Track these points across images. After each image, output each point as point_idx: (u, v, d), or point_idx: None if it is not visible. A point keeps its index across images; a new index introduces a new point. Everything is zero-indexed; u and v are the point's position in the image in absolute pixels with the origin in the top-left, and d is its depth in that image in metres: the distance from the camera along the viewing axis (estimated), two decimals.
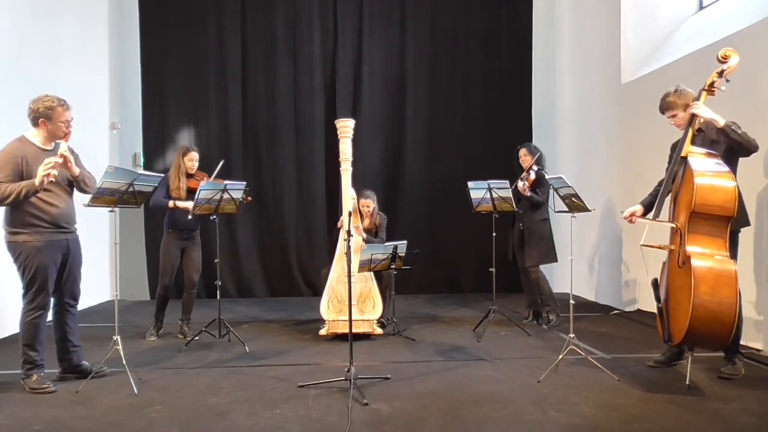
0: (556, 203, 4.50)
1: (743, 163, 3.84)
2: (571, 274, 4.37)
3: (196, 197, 4.76)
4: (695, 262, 3.43)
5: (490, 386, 3.79)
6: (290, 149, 7.86)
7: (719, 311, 3.36)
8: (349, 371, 3.62)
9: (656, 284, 3.82)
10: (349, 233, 3.78)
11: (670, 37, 6.40)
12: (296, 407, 3.41)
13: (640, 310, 6.18)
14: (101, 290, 7.01)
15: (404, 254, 4.62)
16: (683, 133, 3.83)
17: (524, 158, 5.66)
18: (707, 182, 3.51)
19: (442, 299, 7.46)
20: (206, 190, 4.77)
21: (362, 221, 5.59)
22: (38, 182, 3.49)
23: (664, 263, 3.89)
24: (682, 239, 3.58)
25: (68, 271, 3.86)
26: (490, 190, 5.26)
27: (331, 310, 5.13)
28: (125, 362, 3.81)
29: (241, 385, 3.86)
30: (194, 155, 5.25)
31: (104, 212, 4.00)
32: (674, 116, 3.96)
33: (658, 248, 3.79)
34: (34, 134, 3.76)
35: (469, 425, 3.15)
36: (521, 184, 5.48)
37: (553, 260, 5.68)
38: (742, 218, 3.73)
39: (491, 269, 5.45)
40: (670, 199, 3.82)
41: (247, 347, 4.79)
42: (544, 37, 8.20)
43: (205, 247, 5.47)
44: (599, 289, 7.07)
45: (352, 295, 3.96)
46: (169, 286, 5.27)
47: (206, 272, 6.03)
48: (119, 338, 3.91)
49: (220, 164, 5.24)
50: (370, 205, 5.68)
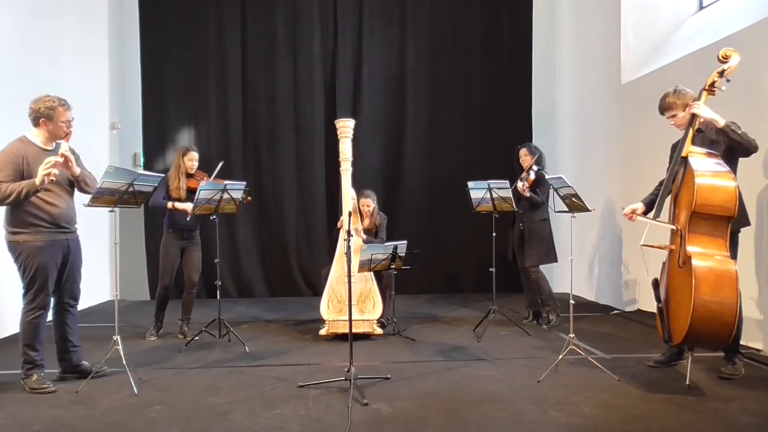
0: (556, 203, 4.50)
1: (743, 163, 3.84)
2: (571, 274, 4.37)
3: (196, 197, 4.76)
4: (696, 262, 3.43)
5: (490, 386, 3.79)
6: (290, 149, 7.86)
7: (720, 311, 3.36)
8: (349, 371, 3.62)
9: (656, 284, 3.82)
10: (349, 233, 3.78)
11: (670, 37, 6.40)
12: (296, 407, 3.41)
13: (640, 310, 6.18)
14: (101, 290, 7.01)
15: (404, 254, 4.62)
16: (683, 133, 3.83)
17: (524, 158, 5.66)
18: (708, 182, 3.51)
19: (442, 299, 7.46)
20: (206, 190, 4.78)
21: (362, 221, 5.59)
22: (39, 181, 3.49)
23: (663, 263, 3.89)
24: (682, 239, 3.58)
25: (68, 271, 3.86)
26: (490, 190, 5.26)
27: (331, 310, 5.13)
28: (125, 362, 3.81)
29: (241, 385, 3.86)
30: (194, 155, 5.25)
31: (104, 212, 4.00)
32: (674, 116, 3.96)
33: (658, 248, 3.78)
34: (35, 134, 3.76)
35: (469, 425, 3.15)
36: (521, 184, 5.48)
37: (553, 260, 5.68)
38: (742, 218, 3.73)
39: (491, 269, 5.46)
40: (670, 199, 3.82)
41: (247, 347, 4.79)
42: (544, 37, 8.20)
43: (205, 247, 5.47)
44: (599, 289, 7.07)
45: (352, 295, 3.96)
46: (169, 286, 5.27)
47: (206, 272, 6.03)
48: (119, 338, 3.91)
49: (219, 165, 5.24)
50: (370, 204, 5.68)
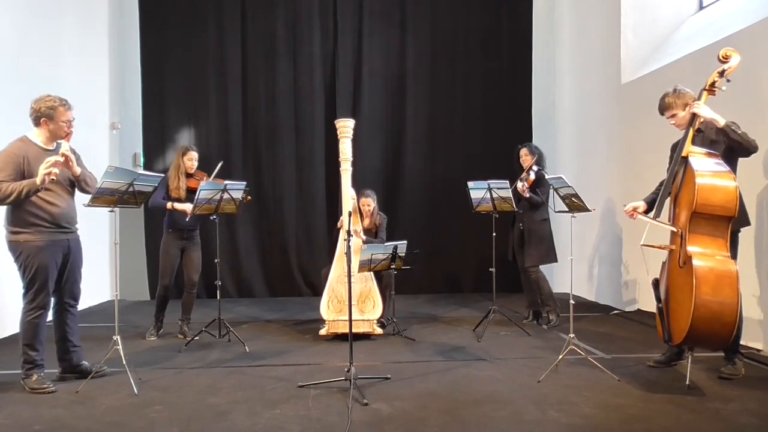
0: (556, 203, 4.49)
1: (743, 162, 3.84)
2: (571, 274, 4.37)
3: (196, 197, 4.76)
4: (697, 262, 3.43)
5: (490, 386, 3.79)
6: (290, 149, 7.86)
7: (721, 311, 3.36)
8: (349, 371, 3.62)
9: (656, 284, 3.82)
10: (349, 233, 3.78)
11: (670, 37, 6.40)
12: (296, 407, 3.41)
13: (640, 310, 6.17)
14: (101, 290, 7.01)
15: (404, 254, 4.62)
16: (683, 133, 3.83)
17: (524, 158, 5.65)
18: (708, 182, 3.51)
19: (442, 299, 7.46)
20: (206, 190, 4.78)
21: (362, 221, 5.59)
22: (39, 181, 3.49)
23: (663, 263, 3.89)
24: (683, 239, 3.58)
25: (69, 271, 3.86)
26: (490, 190, 5.26)
27: (331, 310, 5.13)
28: (125, 362, 3.81)
29: (241, 385, 3.86)
30: (193, 155, 5.25)
31: (104, 212, 3.99)
32: (673, 116, 3.95)
33: (658, 248, 3.78)
34: (36, 134, 3.76)
35: (469, 425, 3.15)
36: (520, 185, 5.47)
37: (553, 260, 5.68)
38: (742, 218, 3.73)
39: (491, 269, 5.46)
40: (669, 199, 3.82)
41: (247, 347, 4.79)
42: (544, 37, 8.20)
43: (205, 247, 5.47)
44: (599, 289, 7.07)
45: (352, 295, 3.96)
46: (169, 286, 5.27)
47: (206, 272, 6.03)
48: (119, 338, 3.91)
49: (219, 165, 5.25)
50: (370, 204, 5.68)
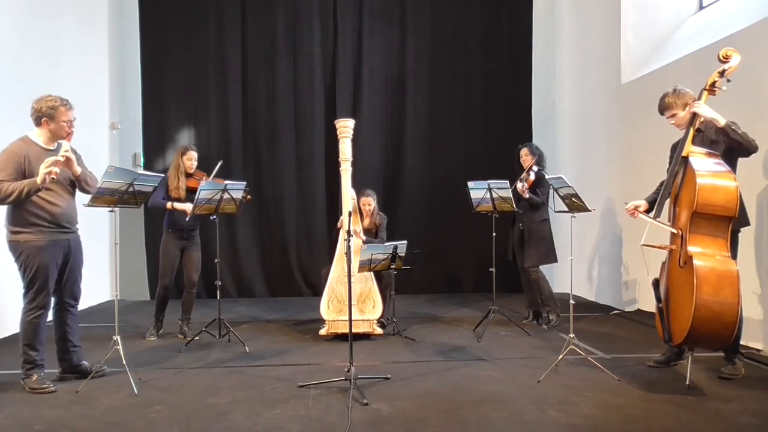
0: (556, 203, 4.49)
1: (743, 162, 3.84)
2: (571, 274, 4.37)
3: (196, 197, 4.77)
4: (697, 262, 3.43)
5: (490, 386, 3.79)
6: (290, 149, 7.86)
7: (722, 311, 3.36)
8: (349, 371, 3.62)
9: (657, 284, 3.82)
10: (349, 233, 3.78)
11: (670, 37, 6.40)
12: (296, 407, 3.41)
13: (640, 310, 6.17)
14: (101, 290, 7.01)
15: (404, 254, 4.62)
16: (684, 133, 3.83)
17: (525, 158, 5.65)
18: (709, 182, 3.51)
19: (442, 299, 7.46)
20: (206, 190, 4.78)
21: (362, 220, 5.59)
22: (40, 180, 3.49)
23: (663, 263, 3.88)
24: (683, 239, 3.58)
25: (69, 271, 3.86)
26: (490, 190, 5.26)
27: (331, 310, 5.13)
28: (125, 362, 3.80)
29: (241, 385, 3.86)
30: (193, 154, 5.25)
31: (104, 212, 3.99)
32: (673, 116, 3.95)
33: (658, 248, 3.78)
34: (37, 134, 3.76)
35: (469, 425, 3.15)
36: (520, 185, 5.47)
37: (553, 261, 5.68)
38: (742, 218, 3.73)
39: (491, 269, 5.46)
40: (669, 200, 3.81)
41: (247, 347, 4.79)
42: (544, 37, 8.20)
43: (205, 247, 5.47)
44: (599, 289, 7.07)
45: (352, 295, 3.96)
46: (168, 286, 5.27)
47: (206, 272, 6.03)
48: (119, 338, 3.91)
49: (218, 164, 5.24)
50: (371, 203, 5.68)
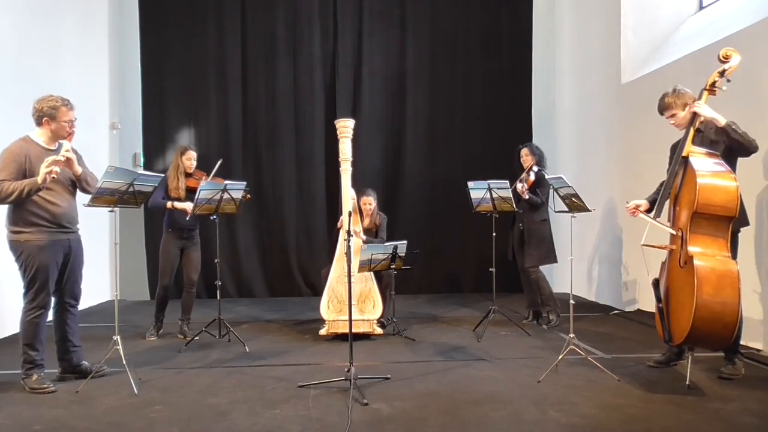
0: (556, 203, 4.49)
1: (743, 163, 3.84)
2: (571, 274, 4.37)
3: (196, 197, 4.77)
4: (698, 262, 3.43)
5: (490, 386, 3.79)
6: (290, 149, 7.86)
7: (722, 311, 3.36)
8: (349, 371, 3.62)
9: (657, 284, 3.82)
10: (349, 233, 3.78)
11: (670, 37, 6.40)
12: (296, 407, 3.41)
13: (640, 310, 6.17)
14: (101, 290, 7.01)
15: (404, 254, 4.62)
16: (684, 133, 3.83)
17: (525, 158, 5.65)
18: (709, 182, 3.50)
19: (442, 299, 7.46)
20: (206, 190, 4.78)
21: (362, 220, 5.59)
22: (41, 180, 3.49)
23: (663, 263, 3.88)
24: (683, 239, 3.58)
25: (70, 271, 3.86)
26: (490, 190, 5.26)
27: (331, 310, 5.13)
28: (125, 362, 3.80)
29: (241, 385, 3.86)
30: (192, 154, 5.25)
31: (104, 212, 3.99)
32: (673, 116, 3.94)
33: (658, 248, 3.78)
34: (38, 134, 3.77)
35: (469, 425, 3.15)
36: (520, 186, 5.47)
37: (552, 261, 5.68)
38: (742, 218, 3.73)
39: (491, 269, 5.46)
40: (669, 201, 3.81)
41: (247, 347, 4.79)
42: (544, 37, 8.20)
43: (205, 247, 5.47)
44: (599, 289, 7.07)
45: (352, 295, 3.96)
46: (168, 285, 5.27)
47: (206, 272, 6.02)
48: (119, 338, 3.91)
49: (218, 163, 5.24)
50: (371, 202, 5.68)
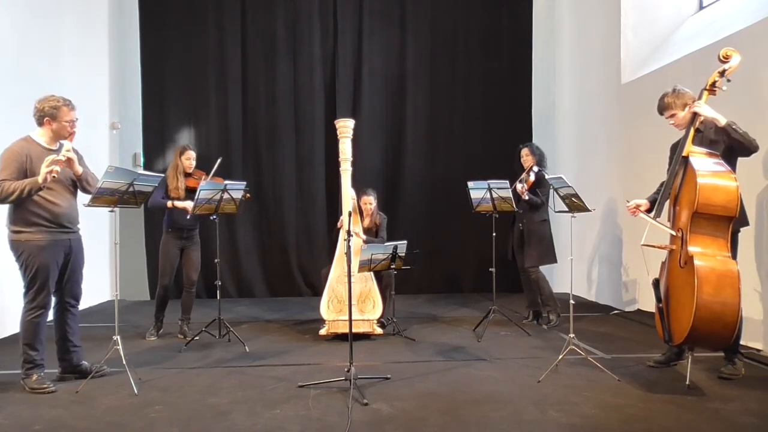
0: (556, 203, 4.49)
1: (743, 163, 3.84)
2: (571, 274, 4.37)
3: (196, 197, 4.76)
4: (698, 262, 3.42)
5: (490, 386, 3.79)
6: (290, 149, 7.86)
7: (722, 312, 3.35)
8: (349, 371, 3.62)
9: (657, 284, 3.81)
10: (349, 233, 3.78)
11: (670, 37, 6.40)
12: (296, 407, 3.41)
13: (640, 310, 6.17)
14: (101, 290, 7.01)
15: (404, 254, 4.62)
16: (684, 133, 3.83)
17: (526, 158, 5.65)
18: (710, 182, 3.50)
19: (442, 299, 7.46)
20: (206, 190, 4.78)
21: (362, 220, 5.59)
22: (41, 179, 3.50)
23: (663, 263, 3.88)
24: (683, 239, 3.58)
25: (70, 271, 3.86)
26: (490, 190, 5.26)
27: (331, 310, 5.13)
28: (125, 362, 3.80)
29: (241, 385, 3.86)
30: (191, 154, 5.25)
31: (104, 212, 3.99)
32: (672, 116, 3.94)
33: (658, 248, 3.78)
34: (39, 134, 3.77)
35: (469, 425, 3.15)
36: (519, 186, 5.47)
37: (552, 261, 5.68)
38: (742, 218, 3.73)
39: (491, 269, 5.46)
40: (669, 200, 3.81)
41: (247, 347, 4.79)
42: (544, 37, 8.20)
43: (205, 247, 5.47)
44: (599, 289, 7.07)
45: (352, 295, 3.96)
46: (168, 285, 5.27)
47: (206, 272, 6.02)
48: (119, 338, 3.91)
49: (217, 162, 5.24)
50: (371, 202, 5.68)
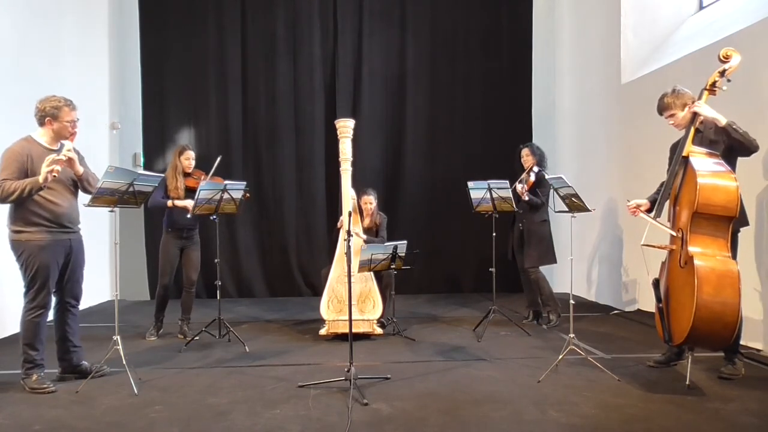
0: (556, 203, 4.49)
1: (742, 163, 3.83)
2: (571, 274, 4.37)
3: (196, 197, 4.76)
4: (698, 262, 3.42)
5: (490, 386, 3.79)
6: (290, 149, 7.86)
7: (722, 312, 3.35)
8: (349, 371, 3.62)
9: (657, 284, 3.81)
10: (349, 233, 3.78)
11: (670, 37, 6.40)
12: (296, 407, 3.41)
13: (640, 310, 6.17)
14: (101, 290, 7.01)
15: (404, 254, 4.62)
16: (684, 133, 3.83)
17: (526, 158, 5.65)
18: (710, 182, 3.50)
19: (442, 299, 7.46)
20: (206, 190, 4.77)
21: (363, 220, 5.59)
22: (42, 179, 3.50)
23: (663, 263, 3.88)
24: (683, 239, 3.58)
25: (70, 271, 3.86)
26: (490, 190, 5.26)
27: (331, 310, 5.13)
28: (125, 362, 3.80)
29: (241, 385, 3.86)
30: (190, 154, 5.25)
31: (104, 212, 3.99)
32: (672, 116, 3.94)
33: (658, 248, 3.78)
34: (40, 134, 3.77)
35: (469, 425, 3.15)
36: (519, 186, 5.47)
37: (552, 261, 5.68)
38: (742, 218, 3.73)
39: (491, 269, 5.46)
40: (669, 200, 3.81)
41: (247, 347, 4.79)
42: (544, 37, 8.20)
43: (205, 247, 5.47)
44: (599, 289, 7.07)
45: (352, 295, 3.96)
46: (168, 285, 5.27)
47: (206, 272, 6.01)
48: (119, 338, 3.91)
49: (217, 161, 5.23)
50: (372, 201, 5.68)
